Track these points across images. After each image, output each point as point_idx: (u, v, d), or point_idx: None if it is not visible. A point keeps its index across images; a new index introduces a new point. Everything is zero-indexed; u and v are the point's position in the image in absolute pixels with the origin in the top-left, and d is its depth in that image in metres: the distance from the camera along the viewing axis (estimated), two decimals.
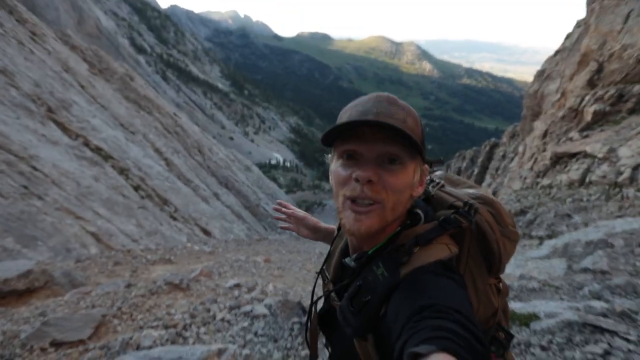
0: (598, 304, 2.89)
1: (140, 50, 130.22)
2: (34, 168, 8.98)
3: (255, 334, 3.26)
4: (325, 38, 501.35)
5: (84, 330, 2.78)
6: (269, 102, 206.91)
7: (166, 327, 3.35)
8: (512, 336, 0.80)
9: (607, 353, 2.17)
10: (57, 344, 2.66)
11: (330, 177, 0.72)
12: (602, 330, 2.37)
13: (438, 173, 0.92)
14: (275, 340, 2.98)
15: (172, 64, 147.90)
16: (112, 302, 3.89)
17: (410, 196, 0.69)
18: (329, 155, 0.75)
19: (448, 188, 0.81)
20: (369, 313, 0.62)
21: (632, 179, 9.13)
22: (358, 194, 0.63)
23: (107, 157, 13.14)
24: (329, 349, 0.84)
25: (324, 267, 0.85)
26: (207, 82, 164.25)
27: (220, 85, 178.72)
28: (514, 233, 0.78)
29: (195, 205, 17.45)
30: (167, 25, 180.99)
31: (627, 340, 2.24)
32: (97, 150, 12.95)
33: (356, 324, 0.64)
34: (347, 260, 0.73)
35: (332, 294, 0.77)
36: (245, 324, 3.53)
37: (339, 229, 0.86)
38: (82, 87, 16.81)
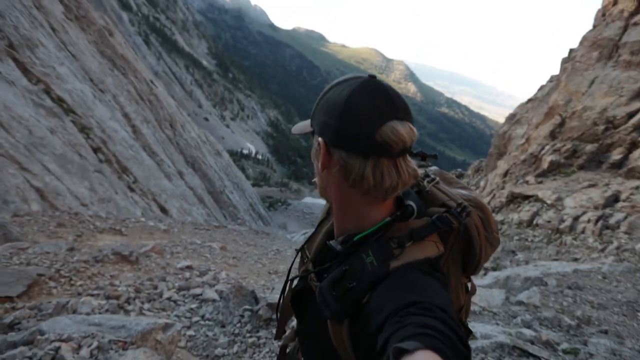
0: (528, 332, 3.15)
1: (125, 6, 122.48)
2: None
3: (203, 317, 3.19)
4: (321, 38, 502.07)
5: (14, 287, 2.57)
6: (252, 90, 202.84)
7: (107, 298, 3.18)
8: (470, 332, 0.84)
9: None
10: None
11: None
12: (528, 354, 2.59)
13: (433, 168, 0.90)
14: (223, 326, 2.94)
15: (157, 28, 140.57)
16: (50, 262, 3.62)
17: (325, 178, 0.73)
18: None
19: (442, 186, 0.82)
20: (351, 299, 0.62)
21: (571, 228, 10.01)
22: None
23: (68, 111, 12.20)
24: (297, 324, 0.84)
25: (304, 246, 0.85)
26: (191, 55, 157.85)
27: (205, 63, 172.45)
28: (496, 239, 0.81)
29: (156, 180, 16.67)
30: None
31: None
32: (59, 101, 11.98)
33: (336, 308, 0.63)
34: (332, 242, 0.72)
35: (312, 275, 0.76)
36: (193, 306, 3.44)
37: (328, 211, 0.86)
38: (53, 29, 15.50)
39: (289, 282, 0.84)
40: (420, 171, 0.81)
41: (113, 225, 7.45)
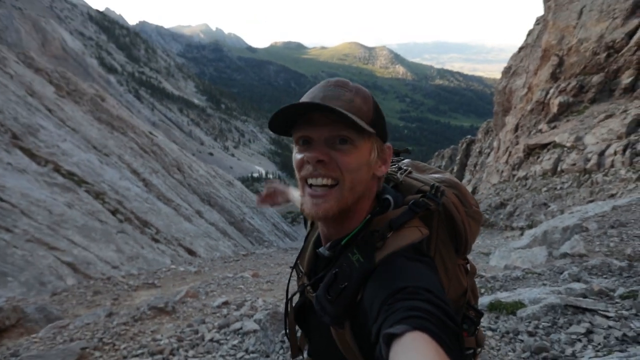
0: (577, 286, 2.99)
1: (110, 69, 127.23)
2: (0, 199, 8.53)
3: (247, 351, 3.17)
4: (299, 47, 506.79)
5: None
6: (247, 114, 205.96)
7: (152, 354, 3.21)
8: (481, 314, 0.82)
9: (589, 332, 2.24)
10: None
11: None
12: (583, 310, 2.44)
13: (405, 161, 0.94)
14: (267, 356, 2.91)
15: (144, 82, 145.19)
16: (92, 333, 3.70)
17: (373, 175, 0.70)
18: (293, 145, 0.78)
19: (415, 174, 0.84)
20: (346, 299, 0.63)
21: (599, 165, 9.59)
22: (311, 172, 0.66)
23: (80, 182, 12.66)
24: (308, 342, 0.85)
25: (297, 262, 0.86)
26: (182, 98, 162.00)
27: (196, 101, 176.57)
28: (477, 213, 0.81)
29: (177, 225, 17.01)
30: (137, 43, 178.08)
31: (607, 317, 2.32)
32: (70, 175, 12.45)
33: (334, 312, 0.64)
34: (321, 249, 0.74)
35: (308, 287, 0.77)
36: (236, 341, 3.43)
37: (312, 224, 0.87)
38: (50, 110, 16.21)
39: (289, 300, 0.86)
40: (393, 167, 0.87)
41: (146, 280, 7.59)
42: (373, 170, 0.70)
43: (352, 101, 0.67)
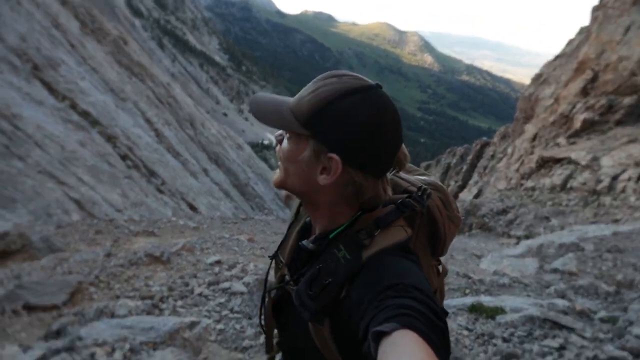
0: (561, 302, 3.04)
1: (136, 13, 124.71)
2: (17, 127, 8.69)
3: (231, 310, 3.32)
4: (330, 19, 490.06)
5: (58, 296, 2.79)
6: (267, 80, 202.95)
7: (143, 298, 3.38)
8: (446, 313, 0.85)
9: (562, 347, 2.31)
10: (30, 308, 2.67)
11: None
12: (561, 326, 2.51)
13: None
14: (250, 318, 3.06)
15: (169, 31, 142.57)
16: (90, 269, 3.89)
17: (315, 182, 0.67)
18: None
19: (402, 174, 0.84)
20: (329, 296, 0.63)
21: (610, 188, 9.43)
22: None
23: (94, 123, 12.79)
24: (280, 334, 0.85)
25: (278, 252, 0.85)
26: (204, 53, 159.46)
27: (217, 59, 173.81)
28: (457, 218, 0.83)
29: (183, 180, 17.28)
30: None
31: (582, 337, 2.38)
32: (85, 114, 12.57)
33: (314, 308, 0.64)
34: (304, 242, 0.73)
35: (287, 279, 0.77)
36: (223, 300, 3.59)
37: (297, 213, 0.86)
38: (72, 46, 16.12)
39: (267, 293, 0.84)
40: None
41: (146, 228, 7.82)
42: (312, 175, 0.67)
43: (302, 98, 0.68)
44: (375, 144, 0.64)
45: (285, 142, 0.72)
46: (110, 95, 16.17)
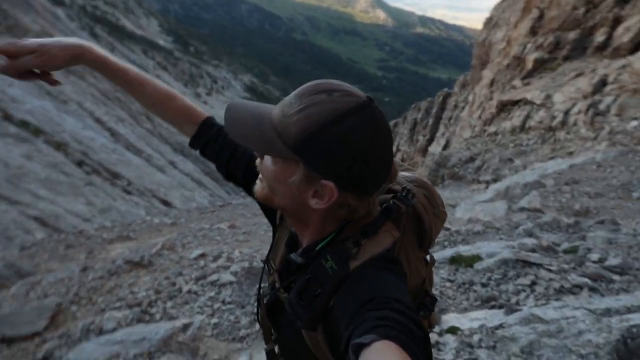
0: (530, 241, 3.29)
1: (56, 1, 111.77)
2: None
3: (223, 302, 3.34)
4: None
5: (38, 322, 2.67)
6: (219, 59, 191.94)
7: (130, 307, 3.31)
8: (435, 300, 0.88)
9: (533, 283, 2.53)
10: (8, 340, 2.54)
11: None
12: (530, 264, 2.73)
13: None
14: (243, 307, 3.09)
15: (99, 17, 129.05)
16: (66, 288, 3.73)
17: (306, 203, 0.65)
18: None
19: None
20: (319, 306, 0.64)
21: (563, 123, 10.02)
22: None
23: (37, 132, 11.76)
24: (277, 335, 0.87)
25: (269, 257, 0.85)
26: (145, 38, 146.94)
27: (161, 42, 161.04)
28: (443, 213, 0.84)
29: (150, 176, 16.58)
30: None
31: (549, 270, 2.61)
32: (23, 124, 11.48)
33: (306, 317, 0.65)
34: (292, 256, 0.73)
35: (279, 288, 0.77)
36: (213, 293, 3.59)
37: (282, 217, 0.86)
38: None
39: (261, 298, 0.85)
40: None
41: (120, 232, 7.55)
42: (303, 197, 0.65)
43: (287, 117, 0.61)
44: (371, 167, 0.62)
45: (268, 160, 0.67)
46: (48, 99, 14.79)
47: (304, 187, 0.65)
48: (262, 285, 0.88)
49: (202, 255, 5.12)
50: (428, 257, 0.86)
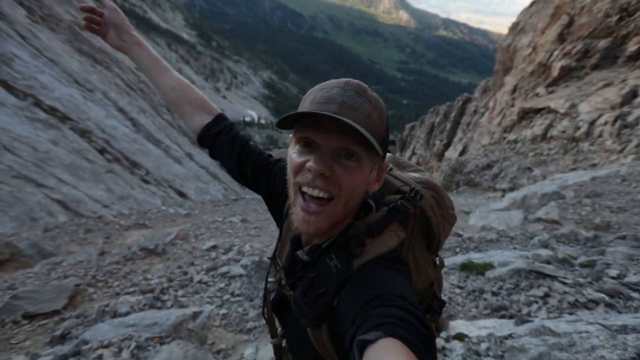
0: (545, 252, 3.21)
1: None
2: None
3: (232, 294, 3.39)
4: None
5: (57, 301, 2.79)
6: (240, 54, 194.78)
7: (143, 293, 3.41)
8: (444, 303, 0.87)
9: (546, 295, 2.47)
10: (30, 316, 2.66)
11: (287, 161, 0.70)
12: (544, 275, 2.67)
13: (387, 156, 0.89)
14: (251, 300, 3.13)
15: (127, 10, 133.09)
16: (85, 271, 3.87)
17: (365, 192, 0.68)
18: (290, 136, 0.73)
19: (395, 172, 0.83)
20: (323, 304, 0.64)
21: (587, 134, 9.68)
22: (309, 181, 0.62)
23: (64, 119, 12.20)
24: (284, 331, 0.88)
25: (275, 254, 0.85)
26: (170, 32, 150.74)
27: (185, 36, 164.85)
28: (452, 216, 0.83)
29: (167, 167, 16.93)
30: None
31: (564, 283, 2.54)
32: (52, 111, 11.95)
33: (311, 315, 0.65)
34: (299, 253, 0.73)
35: (285, 285, 0.78)
36: (223, 284, 3.65)
37: (287, 214, 0.84)
38: (23, 37, 14.96)
39: (268, 292, 0.86)
40: None
41: (137, 220, 7.75)
42: (367, 187, 0.67)
43: (369, 116, 0.62)
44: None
45: (347, 171, 0.63)
46: (75, 87, 15.31)
47: (373, 177, 0.68)
48: (268, 281, 0.89)
49: (214, 247, 5.22)
50: (437, 259, 0.85)
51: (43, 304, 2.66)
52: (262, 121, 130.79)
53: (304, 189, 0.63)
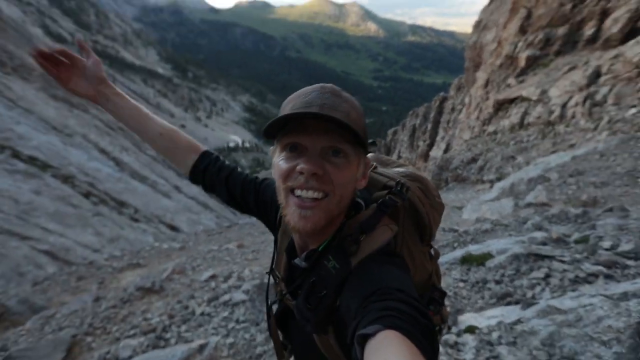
0: (539, 234, 3.27)
1: (59, 39, 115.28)
2: None
3: (237, 321, 3.31)
4: (265, 6, 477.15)
5: (54, 356, 2.67)
6: (217, 82, 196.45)
7: (145, 333, 3.30)
8: (445, 294, 0.89)
9: (547, 276, 2.50)
10: None
11: (273, 171, 0.70)
12: (542, 257, 2.70)
13: (370, 155, 0.91)
14: (257, 324, 3.06)
15: (100, 51, 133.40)
16: (80, 320, 3.72)
17: (354, 189, 0.69)
18: (272, 148, 0.73)
19: (380, 169, 0.84)
20: (326, 307, 0.64)
21: (561, 117, 10.03)
22: (302, 183, 0.63)
23: (44, 167, 11.98)
24: (290, 344, 0.86)
25: (273, 267, 0.85)
26: (145, 68, 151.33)
27: (160, 70, 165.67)
28: (440, 204, 0.84)
29: (156, 203, 16.69)
30: (85, 7, 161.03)
31: (562, 262, 2.58)
32: (31, 160, 11.73)
33: (315, 320, 0.65)
34: (297, 261, 0.73)
35: (286, 295, 0.77)
36: (226, 313, 3.56)
37: (280, 221, 0.86)
38: None
39: (270, 307, 0.86)
40: None
41: (130, 261, 7.56)
42: (356, 185, 0.69)
43: (349, 114, 0.64)
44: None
45: (337, 168, 0.65)
46: (54, 133, 15.12)
47: (360, 173, 0.70)
48: (269, 296, 0.88)
49: (213, 277, 5.12)
50: (432, 251, 0.86)
51: None
52: (247, 145, 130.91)
53: (297, 192, 0.64)
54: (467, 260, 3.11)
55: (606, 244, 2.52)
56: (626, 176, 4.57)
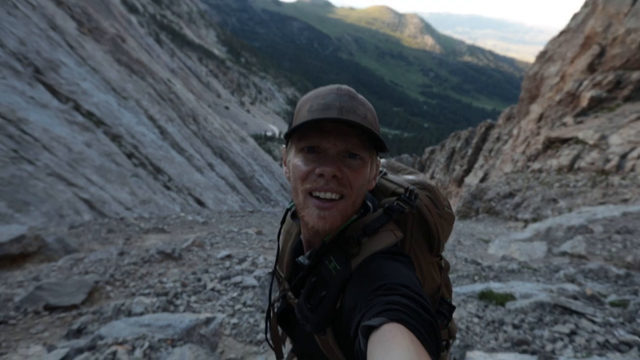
0: (571, 287, 3.05)
1: (132, 9, 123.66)
2: (23, 131, 8.79)
3: (244, 304, 3.39)
4: (326, 5, 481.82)
5: (77, 296, 2.87)
6: (266, 71, 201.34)
7: (158, 295, 3.46)
8: (453, 307, 0.86)
9: (573, 333, 2.33)
10: (51, 308, 2.75)
11: (286, 171, 0.72)
12: (571, 311, 2.52)
13: (381, 161, 0.92)
14: (263, 311, 3.12)
15: (165, 26, 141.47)
16: (105, 269, 3.98)
17: (366, 190, 0.71)
18: (283, 147, 0.75)
19: (390, 176, 0.84)
20: (326, 307, 0.65)
21: (618, 167, 9.29)
22: (321, 186, 0.64)
23: (99, 123, 12.88)
24: (292, 342, 0.87)
25: (276, 267, 0.86)
26: (202, 47, 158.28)
27: (216, 52, 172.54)
28: (449, 214, 0.83)
29: (189, 175, 17.41)
30: None
31: (593, 322, 2.40)
32: (89, 115, 12.66)
33: (315, 320, 0.66)
34: (300, 259, 0.74)
35: (289, 293, 0.78)
36: (235, 294, 3.66)
37: (282, 221, 0.86)
38: (71, 47, 16.11)
39: (272, 305, 0.86)
40: None
41: (156, 225, 7.95)
42: (369, 185, 0.70)
43: (366, 117, 0.65)
44: None
45: (354, 170, 0.66)
46: (112, 94, 16.21)
47: (372, 174, 0.71)
48: (272, 295, 0.88)
49: (229, 257, 5.26)
50: (442, 263, 0.84)
51: (64, 297, 2.75)
52: (282, 136, 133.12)
53: (316, 193, 0.65)
54: (487, 297, 2.97)
55: None
56: None
